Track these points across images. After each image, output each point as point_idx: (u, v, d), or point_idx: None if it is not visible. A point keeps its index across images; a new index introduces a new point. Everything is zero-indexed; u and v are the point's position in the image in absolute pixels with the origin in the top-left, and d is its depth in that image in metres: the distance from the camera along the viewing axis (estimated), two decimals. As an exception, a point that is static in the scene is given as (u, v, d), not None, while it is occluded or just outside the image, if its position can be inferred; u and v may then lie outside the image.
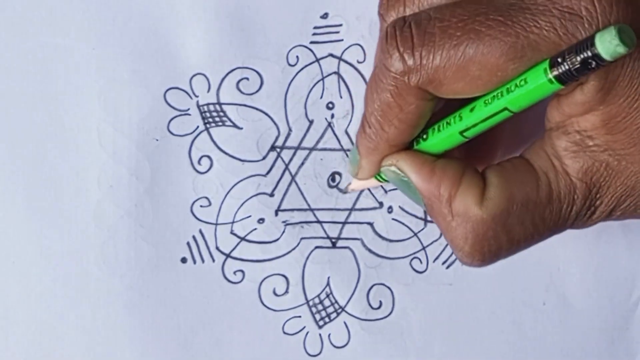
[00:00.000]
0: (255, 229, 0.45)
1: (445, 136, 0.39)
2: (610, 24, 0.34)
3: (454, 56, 0.36)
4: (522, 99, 0.36)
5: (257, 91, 0.45)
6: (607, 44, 0.32)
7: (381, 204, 0.46)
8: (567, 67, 0.34)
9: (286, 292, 0.46)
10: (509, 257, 0.39)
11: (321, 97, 0.45)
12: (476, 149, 0.41)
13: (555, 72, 0.34)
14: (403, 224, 0.46)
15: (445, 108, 0.40)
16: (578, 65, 0.33)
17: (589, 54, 0.33)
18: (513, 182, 0.38)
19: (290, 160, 0.45)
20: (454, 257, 0.46)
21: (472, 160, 0.41)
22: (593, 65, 0.33)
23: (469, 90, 0.37)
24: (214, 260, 0.45)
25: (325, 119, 0.45)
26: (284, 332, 0.46)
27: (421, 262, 0.46)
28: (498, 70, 0.35)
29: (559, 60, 0.34)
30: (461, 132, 0.38)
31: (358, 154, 0.41)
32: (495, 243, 0.38)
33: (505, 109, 0.36)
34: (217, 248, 0.45)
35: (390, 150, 0.40)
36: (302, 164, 0.45)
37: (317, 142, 0.45)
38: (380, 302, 0.46)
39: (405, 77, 0.37)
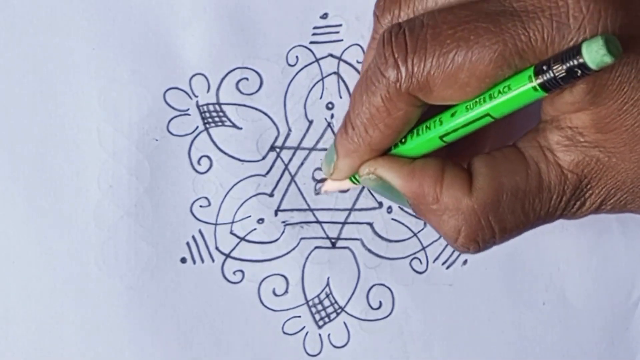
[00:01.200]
0: (255, 229, 0.45)
1: (424, 140, 0.39)
2: (598, 32, 0.34)
3: (443, 63, 0.36)
4: (505, 106, 0.36)
5: (256, 91, 0.45)
6: (594, 54, 0.32)
7: (381, 204, 0.46)
8: (552, 75, 0.34)
9: (286, 292, 0.46)
10: (502, 243, 0.40)
11: (321, 97, 0.45)
12: (462, 145, 0.41)
13: (540, 80, 0.34)
14: (403, 224, 0.46)
15: (426, 113, 0.40)
16: (563, 74, 0.33)
17: (575, 62, 0.33)
18: (502, 171, 0.38)
19: (290, 160, 0.45)
20: (454, 257, 0.46)
21: (457, 155, 0.41)
22: (579, 74, 0.33)
23: (458, 97, 0.37)
24: (213, 261, 0.45)
25: (325, 119, 0.45)
26: (284, 332, 0.46)
27: (421, 262, 0.46)
28: (486, 77, 0.36)
29: (544, 68, 0.34)
30: (441, 137, 0.38)
31: (335, 154, 0.41)
32: (488, 232, 0.39)
33: (487, 114, 0.37)
34: (217, 248, 0.45)
35: (370, 154, 0.40)
36: (302, 164, 0.45)
37: (317, 142, 0.45)
38: (380, 302, 0.46)
39: (398, 83, 0.37)
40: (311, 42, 0.45)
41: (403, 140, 0.40)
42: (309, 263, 0.46)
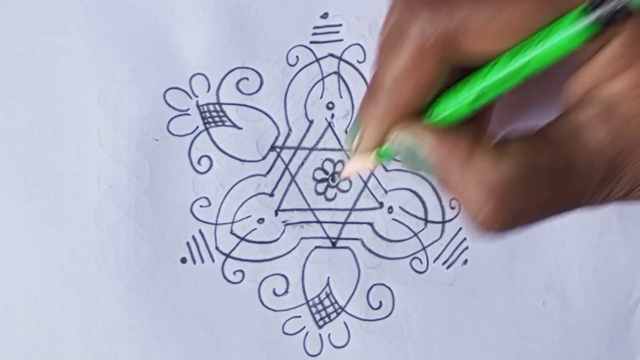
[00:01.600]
0: (255, 229, 0.45)
1: (457, 101, 0.37)
2: None
3: (477, 9, 0.34)
4: (551, 53, 0.34)
5: (257, 91, 0.45)
6: None
7: (381, 204, 0.46)
8: (607, 9, 0.32)
9: (286, 292, 0.46)
10: (523, 229, 0.38)
11: (321, 97, 0.45)
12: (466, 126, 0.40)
13: (595, 15, 0.33)
14: (403, 224, 0.46)
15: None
16: (620, 6, 0.32)
17: None
18: (531, 152, 0.37)
19: (290, 160, 0.45)
20: (454, 257, 0.46)
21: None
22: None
23: (492, 45, 0.35)
24: (213, 261, 0.45)
25: (325, 119, 0.45)
26: (284, 332, 0.46)
27: (421, 262, 0.46)
28: (526, 21, 0.34)
29: (597, 3, 0.33)
30: (475, 99, 0.37)
31: (360, 123, 0.39)
32: (514, 208, 0.37)
33: (532, 65, 0.35)
34: (217, 248, 0.45)
35: (398, 118, 0.38)
36: (302, 164, 0.45)
37: (317, 142, 0.45)
38: (380, 302, 0.46)
39: (426, 36, 0.35)
40: (311, 42, 0.45)
41: (436, 104, 0.38)
42: (309, 263, 0.46)
